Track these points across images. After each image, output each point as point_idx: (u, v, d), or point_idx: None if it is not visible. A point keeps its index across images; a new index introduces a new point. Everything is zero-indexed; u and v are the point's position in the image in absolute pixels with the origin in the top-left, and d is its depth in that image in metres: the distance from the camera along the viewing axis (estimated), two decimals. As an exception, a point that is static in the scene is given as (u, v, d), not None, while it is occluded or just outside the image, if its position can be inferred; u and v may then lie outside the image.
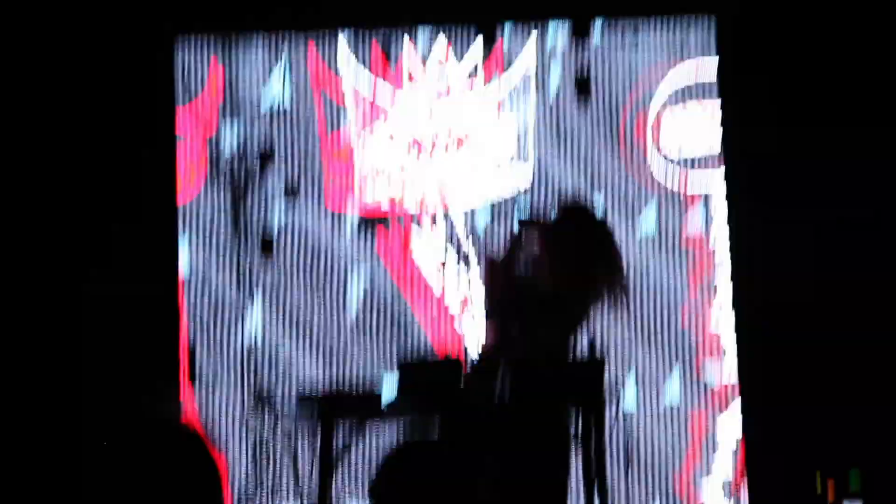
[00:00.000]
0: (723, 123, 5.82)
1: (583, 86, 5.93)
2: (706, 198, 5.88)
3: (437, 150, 5.97)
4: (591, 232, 4.73)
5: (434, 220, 5.95)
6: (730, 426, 5.75)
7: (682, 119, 5.91)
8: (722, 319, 5.80)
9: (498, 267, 4.86)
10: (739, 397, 5.72)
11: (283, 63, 5.97)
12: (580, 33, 5.92)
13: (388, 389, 4.64)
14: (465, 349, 5.73)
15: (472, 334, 5.77)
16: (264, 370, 5.92)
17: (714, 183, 5.86)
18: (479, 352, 4.98)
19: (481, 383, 4.56)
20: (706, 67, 5.87)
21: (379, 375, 5.48)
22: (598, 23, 5.89)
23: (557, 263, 4.65)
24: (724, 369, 5.79)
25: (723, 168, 5.82)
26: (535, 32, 5.90)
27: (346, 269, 5.95)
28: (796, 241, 5.57)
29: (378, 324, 5.91)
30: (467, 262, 5.91)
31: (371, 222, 5.96)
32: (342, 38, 5.93)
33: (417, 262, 5.94)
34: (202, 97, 5.97)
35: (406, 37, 5.90)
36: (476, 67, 5.94)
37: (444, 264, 5.92)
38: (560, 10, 5.95)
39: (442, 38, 5.92)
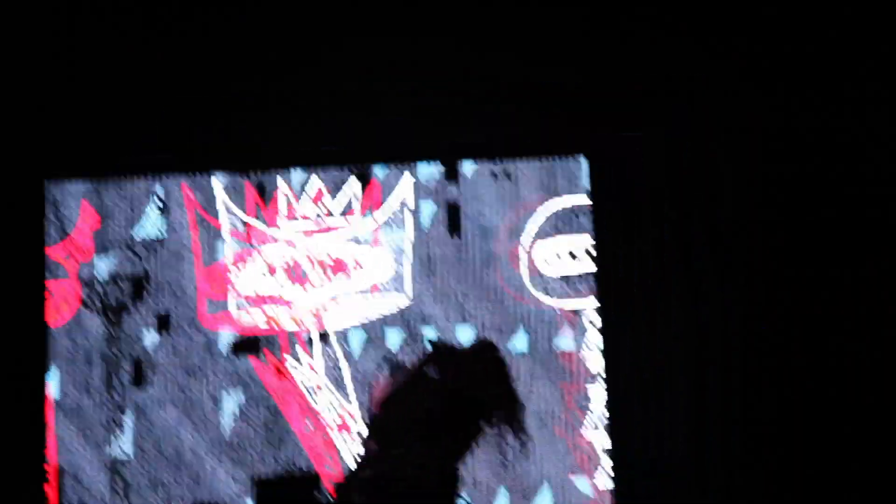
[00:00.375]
0: (593, 256, 5.94)
1: (455, 217, 6.07)
2: (580, 314, 5.99)
3: (313, 277, 6.04)
4: (493, 367, 4.75)
5: (310, 342, 5.97)
6: (605, 537, 5.76)
7: (555, 248, 6.06)
8: (596, 430, 5.84)
9: (392, 384, 4.83)
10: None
11: (158, 199, 6.05)
12: (452, 172, 6.09)
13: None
14: (342, 465, 5.69)
15: (348, 451, 5.74)
16: (134, 493, 5.81)
17: (587, 301, 5.98)
18: (351, 469, 4.93)
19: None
20: (577, 202, 6.06)
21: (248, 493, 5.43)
22: (469, 164, 6.07)
23: (456, 390, 4.66)
24: (599, 480, 5.81)
25: (594, 298, 5.92)
26: (407, 172, 6.06)
27: (220, 389, 5.92)
28: (669, 362, 5.63)
29: (253, 442, 5.85)
30: (343, 383, 5.92)
31: (247, 342, 5.96)
32: (216, 180, 6.03)
33: (295, 381, 5.93)
34: (76, 232, 6.00)
35: (279, 178, 6.03)
36: (350, 202, 6.06)
37: (319, 385, 5.92)
38: (431, 152, 6.09)
39: (316, 177, 6.04)
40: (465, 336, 5.96)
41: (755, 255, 5.49)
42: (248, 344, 5.96)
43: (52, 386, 5.90)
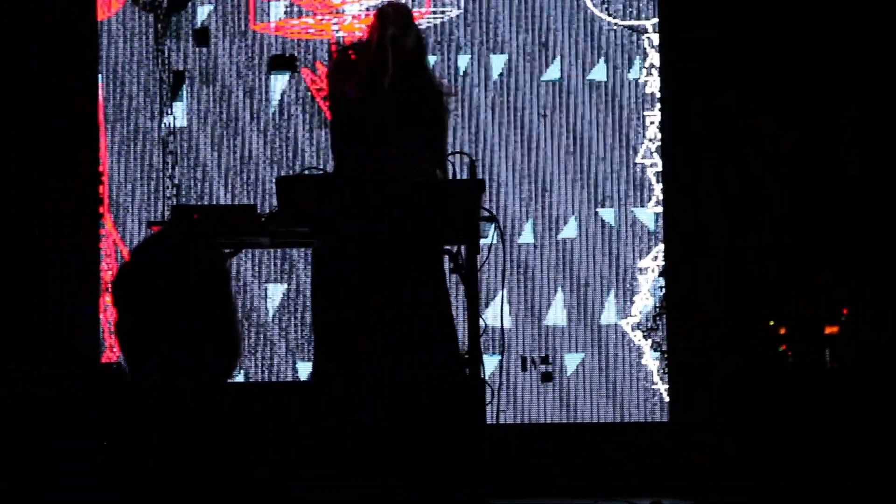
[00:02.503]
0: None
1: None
2: (641, 33, 5.77)
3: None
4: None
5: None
6: (651, 262, 5.69)
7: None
8: (650, 155, 5.73)
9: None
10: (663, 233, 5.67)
11: None
12: None
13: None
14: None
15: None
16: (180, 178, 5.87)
17: (649, 19, 5.76)
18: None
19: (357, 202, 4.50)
20: None
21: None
22: None
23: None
24: (649, 208, 5.73)
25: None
26: None
27: (266, 83, 5.88)
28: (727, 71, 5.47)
29: (292, 132, 5.82)
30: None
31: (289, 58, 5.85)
32: None
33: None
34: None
35: None
36: None
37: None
38: None
39: None
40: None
41: (765, 215, 5.46)
42: (291, 59, 5.85)
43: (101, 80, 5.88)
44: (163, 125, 5.90)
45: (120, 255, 5.87)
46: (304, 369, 5.77)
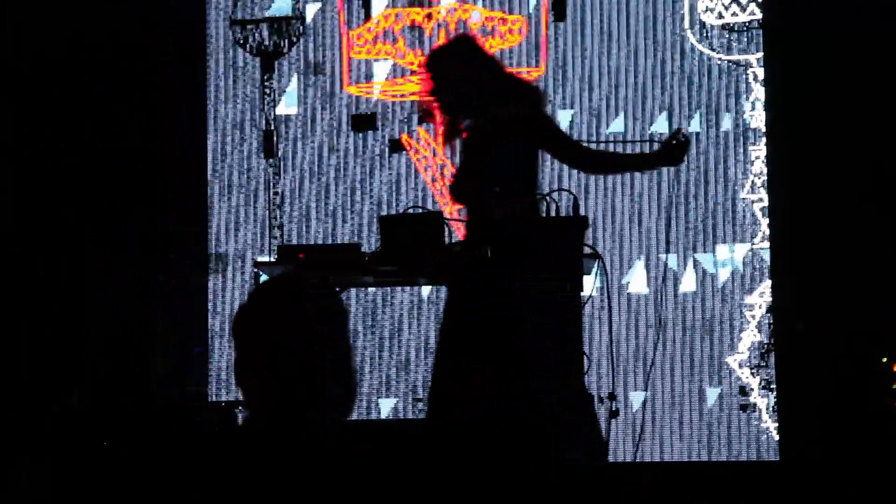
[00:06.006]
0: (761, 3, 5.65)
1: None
2: (746, 66, 5.71)
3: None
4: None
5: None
6: (758, 302, 5.61)
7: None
8: (756, 194, 5.65)
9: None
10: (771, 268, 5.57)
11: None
12: None
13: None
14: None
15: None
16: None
17: (755, 51, 5.69)
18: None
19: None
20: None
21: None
22: None
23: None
24: (756, 242, 5.65)
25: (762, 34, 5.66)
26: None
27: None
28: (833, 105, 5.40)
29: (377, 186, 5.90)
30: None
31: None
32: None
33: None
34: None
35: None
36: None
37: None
38: None
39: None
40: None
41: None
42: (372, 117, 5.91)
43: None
44: (268, 166, 6.00)
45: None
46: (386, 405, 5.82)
